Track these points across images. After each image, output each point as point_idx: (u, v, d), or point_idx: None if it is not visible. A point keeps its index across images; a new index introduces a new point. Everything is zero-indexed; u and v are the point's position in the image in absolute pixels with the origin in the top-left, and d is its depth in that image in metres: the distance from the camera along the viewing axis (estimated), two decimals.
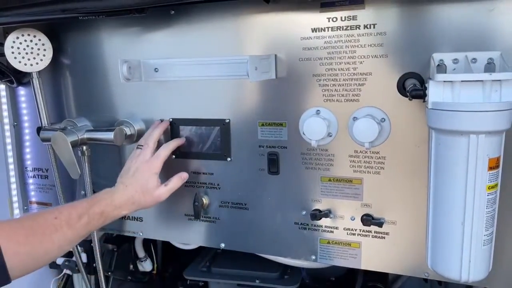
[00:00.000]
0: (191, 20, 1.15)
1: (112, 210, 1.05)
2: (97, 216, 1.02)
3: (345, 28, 1.01)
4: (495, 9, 0.91)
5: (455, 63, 0.93)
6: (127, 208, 1.08)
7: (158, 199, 1.11)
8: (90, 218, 1.00)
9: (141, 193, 1.09)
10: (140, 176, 1.10)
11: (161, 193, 1.11)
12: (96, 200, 1.05)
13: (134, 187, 1.09)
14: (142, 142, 1.17)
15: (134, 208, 1.10)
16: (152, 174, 1.11)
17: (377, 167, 1.05)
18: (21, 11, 1.06)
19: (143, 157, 1.13)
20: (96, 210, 1.02)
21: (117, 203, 1.06)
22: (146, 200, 1.10)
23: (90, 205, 1.02)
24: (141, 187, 1.09)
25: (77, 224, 0.97)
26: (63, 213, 0.97)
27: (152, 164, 1.12)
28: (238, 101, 1.16)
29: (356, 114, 1.04)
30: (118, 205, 1.06)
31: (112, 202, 1.05)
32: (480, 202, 0.84)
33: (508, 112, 0.81)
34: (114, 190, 1.09)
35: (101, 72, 1.29)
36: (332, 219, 1.12)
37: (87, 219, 0.99)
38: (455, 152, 0.84)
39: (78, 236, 0.99)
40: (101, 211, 1.03)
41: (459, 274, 0.88)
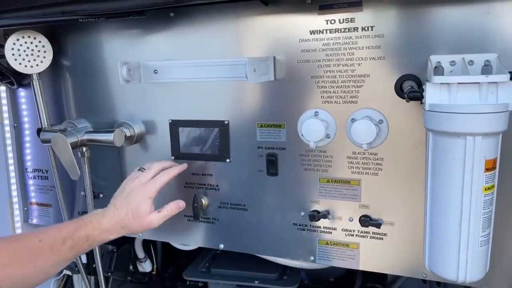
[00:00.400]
0: (191, 22, 1.16)
1: (98, 234, 1.00)
2: (82, 240, 0.97)
3: (343, 30, 1.02)
4: (491, 12, 0.91)
5: (452, 65, 0.94)
6: (115, 232, 1.03)
7: (149, 225, 1.05)
8: (75, 242, 0.96)
9: (131, 217, 1.03)
10: (132, 199, 1.05)
11: (153, 220, 1.05)
12: (83, 223, 1.00)
13: (124, 210, 1.03)
14: (146, 166, 1.13)
15: (123, 232, 1.04)
16: (146, 198, 1.05)
17: (375, 168, 1.06)
18: (22, 13, 1.07)
19: (140, 179, 1.08)
20: (82, 233, 0.97)
21: (104, 227, 1.01)
22: (136, 225, 1.04)
23: (76, 228, 0.97)
24: (132, 211, 1.03)
25: (61, 248, 0.93)
26: (48, 236, 0.93)
27: (147, 188, 1.06)
28: (237, 103, 1.16)
29: (354, 116, 1.05)
30: (106, 229, 1.01)
31: (99, 225, 1.00)
32: (477, 203, 0.84)
33: (504, 114, 0.81)
34: (103, 212, 1.04)
35: (101, 73, 1.30)
36: (330, 220, 1.13)
37: (71, 243, 0.95)
38: (452, 153, 0.84)
39: (63, 260, 0.96)
40: (87, 235, 0.98)
41: (456, 275, 0.88)
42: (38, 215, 1.52)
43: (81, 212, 1.44)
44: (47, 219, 1.51)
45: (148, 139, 1.29)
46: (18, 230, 1.53)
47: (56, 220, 1.48)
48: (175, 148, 1.25)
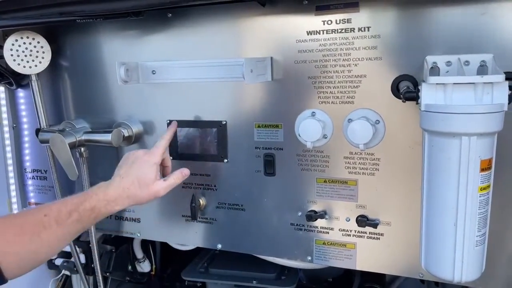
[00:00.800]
0: (188, 23, 1.17)
1: (104, 205, 0.97)
2: (87, 212, 0.95)
3: (340, 31, 1.02)
4: (487, 13, 0.91)
5: (448, 66, 0.94)
6: (121, 203, 0.99)
7: (156, 194, 1.02)
8: (81, 214, 0.94)
9: (137, 185, 1.00)
10: (138, 166, 1.02)
11: (160, 188, 1.03)
12: (88, 195, 0.97)
13: (131, 178, 1.01)
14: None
15: (128, 202, 1.01)
16: (152, 164, 1.03)
17: (372, 168, 1.06)
18: (20, 14, 1.07)
19: (143, 150, 1.08)
20: (87, 206, 0.95)
21: (110, 197, 0.98)
22: (143, 194, 1.01)
23: (81, 201, 0.95)
24: (138, 179, 1.00)
25: (67, 221, 0.92)
26: (53, 210, 0.91)
27: (152, 153, 1.05)
28: (235, 103, 1.17)
29: (351, 116, 1.05)
30: (112, 199, 0.98)
31: (105, 196, 0.98)
32: (472, 203, 0.84)
33: (499, 114, 0.81)
34: (108, 183, 1.02)
35: (99, 74, 1.30)
36: (327, 220, 1.13)
37: (77, 216, 0.93)
38: (448, 153, 0.84)
39: (69, 233, 0.94)
40: (92, 206, 0.96)
41: (452, 275, 0.88)
42: None
43: None
44: None
45: (146, 139, 1.29)
46: None
47: None
48: (173, 148, 1.25)
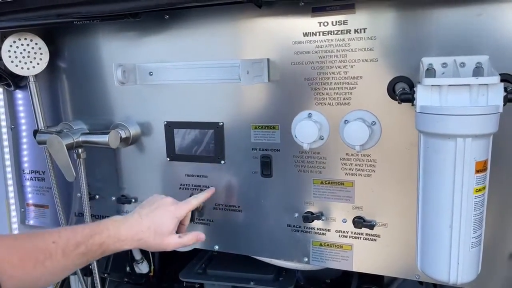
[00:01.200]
0: (185, 24, 1.17)
1: (113, 242, 0.95)
2: (95, 247, 0.93)
3: (336, 32, 1.02)
4: (483, 14, 0.92)
5: (444, 67, 0.94)
6: (130, 243, 0.97)
7: (166, 247, 1.01)
8: (88, 248, 0.92)
9: (153, 232, 0.99)
10: (160, 214, 1.01)
11: (171, 242, 1.01)
12: (100, 229, 0.95)
13: (148, 222, 0.99)
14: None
15: (138, 245, 0.99)
16: (174, 217, 1.02)
17: (368, 169, 1.06)
18: (17, 15, 1.08)
19: (172, 198, 1.07)
20: (97, 240, 0.93)
21: (121, 236, 0.96)
22: (155, 242, 0.99)
23: (91, 235, 0.93)
24: (155, 226, 0.99)
25: (73, 253, 0.90)
26: (62, 238, 0.89)
27: (179, 207, 1.05)
28: (232, 104, 1.17)
29: (347, 117, 1.05)
30: (122, 238, 0.96)
31: (116, 234, 0.96)
32: (467, 205, 0.84)
33: (494, 115, 0.82)
34: (123, 220, 1.00)
35: (97, 75, 1.31)
36: (324, 221, 1.13)
37: (84, 249, 0.91)
38: (443, 155, 0.84)
39: (73, 265, 0.92)
40: (102, 242, 0.94)
41: (447, 276, 0.88)
42: (35, 216, 1.53)
43: (78, 213, 1.45)
44: (44, 220, 1.51)
45: (144, 141, 1.29)
46: (15, 231, 1.54)
47: (53, 221, 1.49)
48: (170, 150, 1.25)
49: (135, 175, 1.33)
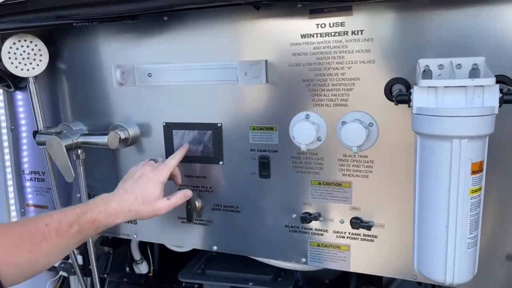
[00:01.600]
0: (184, 26, 1.17)
1: (105, 217, 0.99)
2: (88, 225, 0.96)
3: (333, 34, 1.03)
4: (480, 16, 0.92)
5: (440, 69, 0.95)
6: (122, 216, 1.01)
7: (158, 211, 1.05)
8: (81, 226, 0.95)
9: (141, 201, 1.02)
10: (144, 182, 1.04)
11: (162, 206, 1.05)
12: (90, 207, 0.98)
13: (134, 193, 1.03)
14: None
15: (129, 216, 1.03)
16: (158, 182, 1.05)
17: (366, 170, 1.07)
18: (17, 17, 1.08)
19: (151, 164, 1.09)
20: (88, 218, 0.96)
21: (112, 210, 1.00)
22: (145, 210, 1.03)
23: (83, 213, 0.96)
24: (142, 195, 1.03)
25: (67, 233, 0.92)
26: (54, 220, 0.92)
27: (159, 171, 1.07)
28: (230, 106, 1.18)
29: (344, 119, 1.06)
30: (113, 212, 1.00)
31: (106, 209, 0.99)
32: (463, 205, 0.85)
33: (490, 117, 0.82)
34: (111, 196, 1.03)
35: (96, 76, 1.31)
36: (321, 222, 1.13)
37: (77, 228, 0.94)
38: (439, 156, 0.85)
39: (69, 244, 0.95)
40: (93, 219, 0.97)
41: (443, 277, 0.89)
42: None
43: None
44: None
45: (143, 142, 1.30)
46: None
47: None
48: (169, 151, 1.26)
49: None
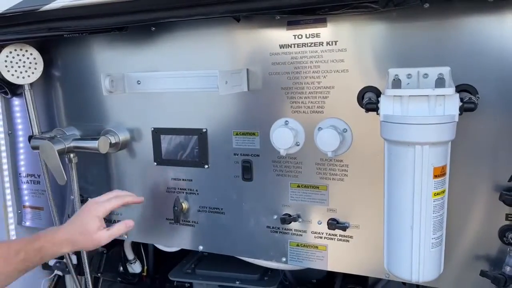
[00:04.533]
0: (171, 36, 1.23)
1: (51, 246, 1.04)
2: (34, 252, 1.01)
3: (310, 44, 1.09)
4: (447, 27, 0.97)
5: (408, 78, 0.99)
6: (65, 247, 1.07)
7: (98, 242, 1.09)
8: (27, 254, 1.00)
9: (79, 234, 1.07)
10: (83, 216, 1.10)
11: (101, 237, 1.09)
12: (39, 236, 1.05)
13: (75, 226, 1.08)
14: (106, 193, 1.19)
15: (73, 248, 1.08)
16: (94, 216, 1.09)
17: (341, 174, 1.12)
18: (12, 29, 1.14)
19: (97, 198, 1.15)
20: (36, 245, 1.02)
21: (57, 240, 1.05)
22: (85, 241, 1.08)
23: (31, 241, 1.02)
24: (81, 227, 1.07)
25: (14, 260, 0.98)
26: (3, 248, 0.99)
27: (97, 207, 1.11)
28: (215, 112, 1.23)
29: (320, 125, 1.11)
30: (58, 242, 1.05)
31: (52, 239, 1.05)
32: (426, 208, 0.90)
33: (450, 124, 0.87)
34: (59, 227, 1.10)
35: (89, 84, 1.37)
36: (300, 223, 1.19)
37: (24, 255, 0.99)
38: (404, 161, 0.90)
39: (16, 271, 1.00)
40: (40, 246, 1.02)
41: (409, 275, 0.94)
42: (31, 217, 1.59)
43: (71, 215, 1.51)
44: (39, 222, 1.58)
45: (133, 146, 1.36)
46: (12, 232, 1.60)
47: (48, 223, 1.55)
48: (157, 155, 1.32)
49: (124, 178, 1.39)
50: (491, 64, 0.95)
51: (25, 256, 1.00)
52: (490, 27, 0.95)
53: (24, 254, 1.00)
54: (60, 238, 1.06)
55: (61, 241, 1.05)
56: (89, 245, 1.09)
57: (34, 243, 1.03)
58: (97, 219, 1.09)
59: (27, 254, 1.01)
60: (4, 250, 0.98)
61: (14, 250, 0.99)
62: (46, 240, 1.04)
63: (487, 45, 0.95)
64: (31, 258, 1.02)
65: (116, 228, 1.12)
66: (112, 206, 1.13)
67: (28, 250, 1.01)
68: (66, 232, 1.07)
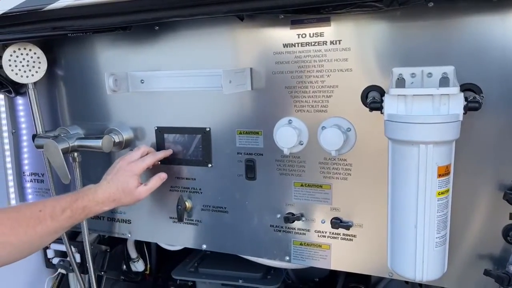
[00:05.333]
0: (175, 35, 1.23)
1: (94, 205, 1.11)
2: (79, 211, 1.08)
3: (313, 44, 1.09)
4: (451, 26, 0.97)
5: (412, 77, 1.00)
6: (108, 205, 1.13)
7: (138, 197, 1.16)
8: (73, 212, 1.06)
9: (121, 191, 1.14)
10: (121, 175, 1.16)
11: (141, 192, 1.16)
12: (80, 195, 1.10)
13: (115, 185, 1.14)
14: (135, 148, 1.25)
15: (114, 204, 1.15)
16: (133, 175, 1.16)
17: (345, 173, 1.12)
18: (16, 28, 1.14)
19: (129, 157, 1.20)
20: (79, 204, 1.08)
21: (99, 199, 1.11)
22: (126, 198, 1.15)
23: (74, 200, 1.07)
24: (122, 186, 1.14)
25: (60, 217, 1.03)
26: (47, 206, 1.03)
27: (135, 165, 1.18)
28: (218, 111, 1.23)
29: (324, 124, 1.11)
30: (100, 201, 1.11)
31: (94, 198, 1.11)
32: (431, 207, 0.90)
33: (455, 123, 0.87)
34: (97, 187, 1.15)
35: (92, 83, 1.38)
36: (304, 222, 1.19)
37: (70, 213, 1.05)
38: (408, 160, 0.90)
39: (61, 228, 1.06)
40: (84, 206, 1.08)
41: (413, 274, 0.94)
42: None
43: None
44: None
45: (137, 145, 1.36)
46: None
47: None
48: None
49: None
50: (495, 63, 0.95)
51: (71, 214, 1.06)
52: (494, 26, 0.94)
53: (70, 212, 1.05)
54: (102, 197, 1.12)
55: (104, 199, 1.12)
56: (131, 201, 1.16)
57: (78, 202, 1.08)
58: (136, 177, 1.17)
59: (72, 211, 1.06)
60: (51, 209, 1.03)
61: (61, 207, 1.05)
62: (89, 199, 1.10)
63: (490, 44, 0.95)
64: (76, 216, 1.07)
65: (152, 182, 1.20)
66: (147, 163, 1.20)
67: (74, 208, 1.06)
68: (107, 191, 1.13)
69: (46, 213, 1.01)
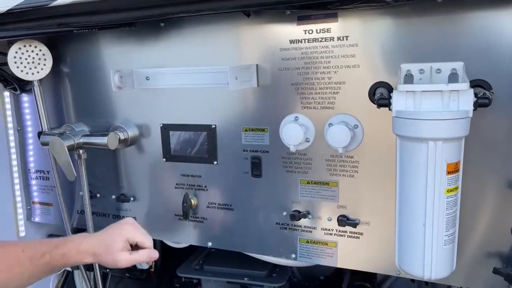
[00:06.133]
0: (180, 32, 1.23)
1: (75, 254, 1.03)
2: (58, 257, 1.01)
3: (320, 40, 1.08)
4: (460, 22, 0.96)
5: (421, 73, 0.98)
6: (88, 257, 1.04)
7: (117, 261, 1.04)
8: (52, 258, 1.00)
9: (104, 249, 1.04)
10: (112, 232, 1.07)
11: (122, 259, 1.04)
12: (63, 242, 1.04)
13: (100, 240, 1.06)
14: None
15: (93, 260, 1.05)
16: (123, 236, 1.05)
17: (352, 170, 1.11)
18: (21, 25, 1.14)
19: (127, 219, 1.11)
20: (60, 251, 1.01)
21: (81, 249, 1.03)
22: (106, 258, 1.04)
23: (56, 245, 1.01)
24: (106, 243, 1.05)
25: (39, 261, 0.98)
26: (31, 248, 1.00)
27: (131, 230, 1.07)
28: (224, 108, 1.23)
29: (331, 121, 1.10)
30: (82, 251, 1.03)
31: (78, 246, 1.03)
32: (439, 204, 0.89)
33: (464, 120, 0.86)
34: (87, 236, 1.10)
35: (98, 80, 1.37)
36: (310, 219, 1.18)
37: (48, 259, 0.99)
38: (416, 157, 0.89)
39: (39, 273, 1.01)
40: (64, 253, 1.01)
41: (422, 272, 0.93)
42: (40, 213, 1.60)
43: (80, 211, 1.52)
44: (49, 218, 1.59)
45: (142, 142, 1.36)
46: (22, 228, 1.61)
47: (57, 218, 1.56)
48: (166, 151, 1.31)
49: (133, 174, 1.39)
50: (504, 59, 0.94)
51: (50, 259, 1.00)
52: (503, 22, 0.93)
53: (49, 257, 1.00)
54: (84, 248, 1.04)
55: (85, 251, 1.04)
56: (109, 263, 1.05)
57: (59, 248, 1.02)
58: (125, 239, 1.05)
59: (52, 258, 1.00)
60: (31, 251, 0.99)
61: (41, 252, 0.99)
62: (72, 246, 1.03)
63: (500, 40, 0.94)
64: (54, 262, 1.01)
65: (139, 254, 1.06)
66: (142, 239, 1.06)
67: (54, 254, 1.00)
68: (91, 244, 1.05)
69: (27, 255, 0.98)
